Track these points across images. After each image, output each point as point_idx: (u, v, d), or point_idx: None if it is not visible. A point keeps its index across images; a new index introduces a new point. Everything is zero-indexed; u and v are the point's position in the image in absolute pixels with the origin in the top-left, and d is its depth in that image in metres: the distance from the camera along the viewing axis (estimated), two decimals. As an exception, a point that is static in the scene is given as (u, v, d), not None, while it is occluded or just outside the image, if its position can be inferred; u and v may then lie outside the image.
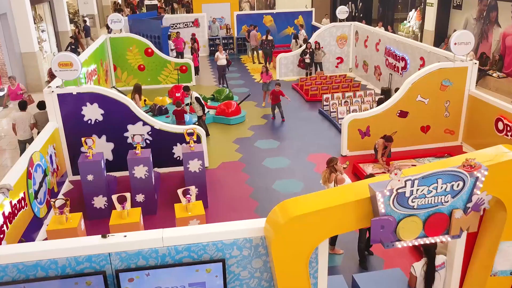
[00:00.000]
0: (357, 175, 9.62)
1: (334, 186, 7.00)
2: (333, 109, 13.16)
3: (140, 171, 8.08)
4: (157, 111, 13.22)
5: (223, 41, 22.65)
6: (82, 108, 9.34)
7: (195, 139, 8.42)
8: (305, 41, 19.02)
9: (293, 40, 18.97)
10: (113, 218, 6.56)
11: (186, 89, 12.13)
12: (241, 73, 19.13)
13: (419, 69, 12.79)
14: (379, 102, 11.55)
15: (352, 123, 10.44)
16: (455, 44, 10.19)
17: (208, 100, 14.40)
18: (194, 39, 19.27)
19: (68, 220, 6.52)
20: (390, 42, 14.62)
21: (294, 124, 12.99)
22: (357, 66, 17.54)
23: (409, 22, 23.74)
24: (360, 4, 29.46)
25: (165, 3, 43.25)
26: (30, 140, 10.27)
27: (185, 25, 22.22)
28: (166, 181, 9.73)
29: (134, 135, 8.16)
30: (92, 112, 9.40)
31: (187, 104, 12.87)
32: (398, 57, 14.06)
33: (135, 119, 9.62)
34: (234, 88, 16.63)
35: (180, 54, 19.45)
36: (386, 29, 19.95)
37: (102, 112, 9.44)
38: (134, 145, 8.17)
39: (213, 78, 18.37)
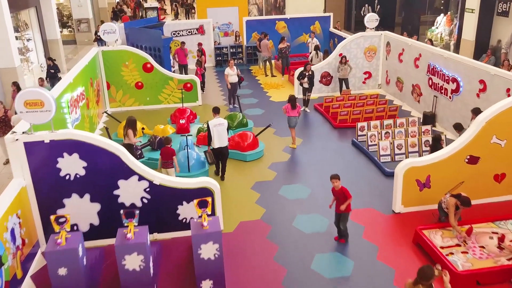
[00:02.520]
0: (422, 246, 7.29)
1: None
2: (371, 141, 10.83)
3: (133, 262, 5.76)
4: (157, 144, 10.88)
5: (231, 50, 20.28)
6: (58, 160, 7.04)
7: (209, 212, 6.07)
8: (317, 49, 16.69)
9: (314, 52, 16.61)
10: None
11: (216, 110, 9.82)
12: (253, 88, 16.77)
13: (477, 95, 10.48)
14: (435, 141, 9.19)
15: (409, 172, 8.11)
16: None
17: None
18: (201, 51, 16.89)
19: None
20: (435, 59, 12.26)
21: (323, 159, 10.66)
22: (389, 82, 15.18)
23: (436, 28, 21.36)
24: (378, 7, 27.08)
25: (172, 6, 40.86)
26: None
27: (189, 32, 19.88)
28: (169, 252, 7.41)
29: (125, 211, 5.83)
30: (71, 165, 7.09)
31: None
32: (447, 77, 11.70)
33: (128, 172, 7.30)
34: (247, 110, 14.29)
35: (183, 67, 17.10)
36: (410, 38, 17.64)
37: (85, 164, 7.13)
38: (125, 224, 5.85)
39: (221, 94, 16.03)
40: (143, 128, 11.87)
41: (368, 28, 15.25)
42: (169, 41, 15.76)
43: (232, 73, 14.20)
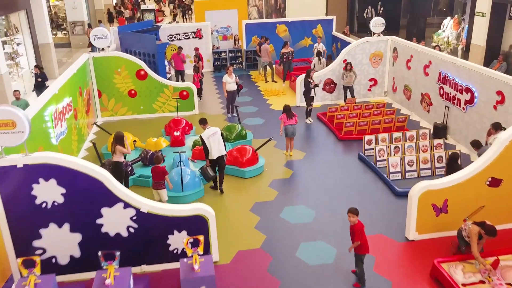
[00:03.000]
0: (440, 282, 6.51)
1: None
2: (380, 156, 10.06)
3: (113, 311, 4.99)
4: (149, 159, 10.11)
5: (230, 55, 19.50)
6: (33, 187, 6.27)
7: (201, 252, 5.29)
8: (319, 55, 15.86)
9: (316, 58, 15.80)
10: None
11: (203, 122, 9.20)
12: (253, 95, 15.99)
13: (494, 107, 9.71)
14: (452, 160, 8.41)
15: (425, 196, 7.33)
16: None
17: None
18: (198, 56, 16.11)
19: None
20: (447, 67, 11.48)
21: (328, 176, 9.89)
22: (395, 90, 14.41)
23: (443, 31, 20.60)
24: (382, 9, 26.33)
25: (170, 7, 40.13)
26: None
27: (186, 36, 19.11)
28: (159, 286, 6.63)
29: (104, 252, 5.06)
30: (48, 192, 6.33)
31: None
32: (460, 87, 10.93)
33: (112, 199, 6.52)
34: (246, 119, 13.53)
35: (180, 74, 16.32)
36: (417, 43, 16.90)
37: (63, 191, 6.36)
38: (104, 267, 5.07)
39: (219, 102, 15.26)
40: (134, 141, 11.10)
41: (374, 33, 14.48)
42: (164, 46, 14.98)
43: (230, 81, 13.43)
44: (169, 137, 11.51)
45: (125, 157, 10.26)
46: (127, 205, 6.58)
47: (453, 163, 8.28)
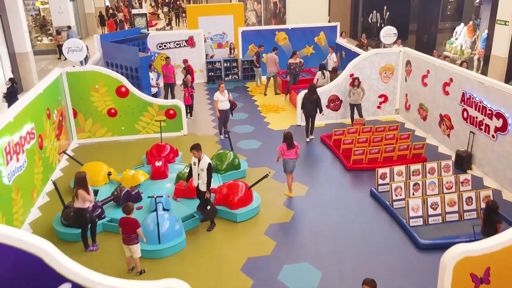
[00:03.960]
0: None
1: None
2: (396, 195, 8.50)
3: None
4: (124, 198, 8.53)
5: (225, 65, 17.93)
6: None
7: None
8: (322, 68, 14.21)
9: (319, 72, 14.19)
10: None
11: (197, 148, 7.88)
12: (249, 111, 14.40)
13: (535, 138, 8.12)
14: (490, 211, 6.81)
15: (462, 264, 5.76)
16: None
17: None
18: (187, 69, 14.52)
19: None
20: (472, 86, 9.91)
21: (336, 219, 8.34)
22: (409, 108, 12.84)
23: (456, 39, 19.03)
24: (388, 13, 24.77)
25: (163, 10, 38.62)
26: None
27: (177, 44, 17.54)
28: None
29: None
30: (-32, 273, 4.75)
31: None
32: (489, 111, 9.36)
33: (56, 279, 4.95)
34: (241, 141, 11.97)
35: (170, 87, 14.76)
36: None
37: (-11, 271, 4.78)
38: None
39: (212, 120, 13.69)
40: (109, 173, 9.52)
41: (384, 44, 12.93)
42: (148, 59, 13.30)
43: (222, 99, 11.87)
44: (149, 167, 9.94)
45: (96, 193, 8.75)
46: (76, 286, 5.00)
47: (492, 216, 6.70)
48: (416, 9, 22.50)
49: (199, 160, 7.85)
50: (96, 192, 9.11)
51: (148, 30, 26.74)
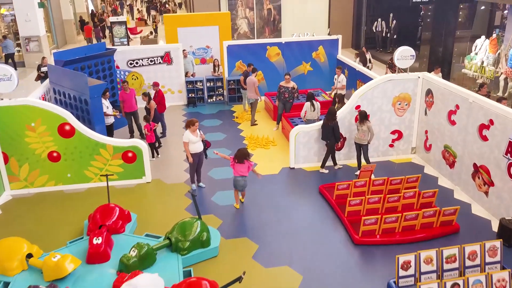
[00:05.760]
0: None
1: None
2: (426, 301, 5.91)
3: None
4: (39, 303, 5.94)
5: (208, 84, 15.36)
6: None
7: None
8: (311, 98, 11.50)
9: (308, 103, 11.43)
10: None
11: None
12: (232, 146, 11.72)
13: None
14: None
15: None
16: None
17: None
18: (148, 95, 11.76)
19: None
20: (524, 135, 7.35)
21: None
22: (429, 148, 10.27)
23: (476, 54, 16.46)
24: (394, 22, 22.22)
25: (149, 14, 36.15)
26: None
27: (151, 61, 14.96)
28: None
29: None
30: None
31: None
32: (551, 174, 6.79)
33: None
34: (217, 193, 9.43)
35: (132, 116, 12.17)
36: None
37: None
38: None
39: (184, 160, 11.07)
40: (29, 255, 6.92)
41: (399, 68, 10.37)
42: (100, 88, 10.50)
43: (195, 140, 9.28)
44: (87, 239, 7.35)
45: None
46: None
47: None
48: (426, 17, 19.83)
49: None
50: (6, 285, 6.56)
51: (128, 39, 24.25)
